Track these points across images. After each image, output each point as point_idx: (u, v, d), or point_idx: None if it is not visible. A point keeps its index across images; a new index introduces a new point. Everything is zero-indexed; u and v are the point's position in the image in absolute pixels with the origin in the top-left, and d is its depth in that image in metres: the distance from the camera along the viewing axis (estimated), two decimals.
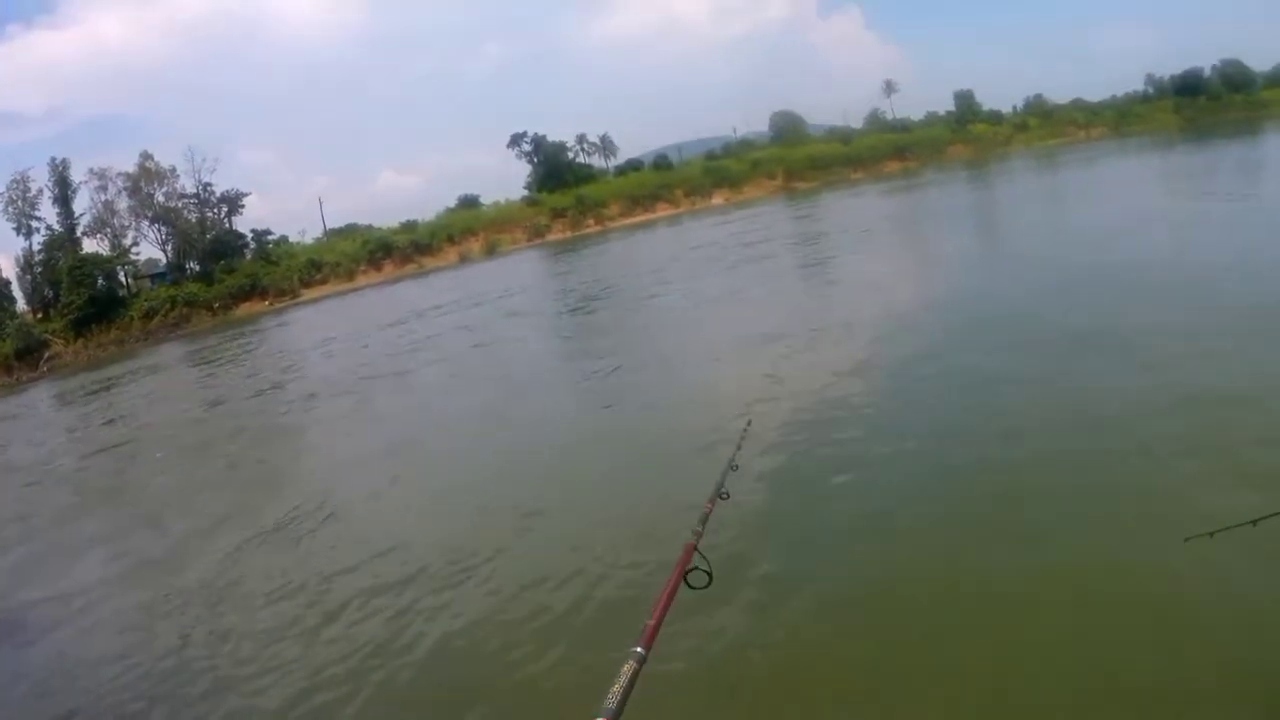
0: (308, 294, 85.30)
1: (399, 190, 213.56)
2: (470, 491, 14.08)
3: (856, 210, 61.48)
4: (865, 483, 11.15)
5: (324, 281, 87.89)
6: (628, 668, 2.59)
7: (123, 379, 47.30)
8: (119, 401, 37.76)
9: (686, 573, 3.39)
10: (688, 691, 7.33)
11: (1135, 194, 43.44)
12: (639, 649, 2.71)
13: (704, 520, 4.04)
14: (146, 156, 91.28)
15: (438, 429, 19.54)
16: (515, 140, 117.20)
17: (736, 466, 5.33)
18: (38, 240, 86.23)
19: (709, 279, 35.50)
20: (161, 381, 43.84)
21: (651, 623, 2.90)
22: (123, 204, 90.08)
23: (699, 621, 7.96)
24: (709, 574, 3.41)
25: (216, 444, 23.24)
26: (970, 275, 26.26)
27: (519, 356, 27.29)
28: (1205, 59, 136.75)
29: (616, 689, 2.46)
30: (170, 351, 61.29)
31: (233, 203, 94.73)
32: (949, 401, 13.91)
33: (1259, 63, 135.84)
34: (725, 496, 4.71)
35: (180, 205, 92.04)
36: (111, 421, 32.02)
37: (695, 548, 3.55)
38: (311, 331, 50.96)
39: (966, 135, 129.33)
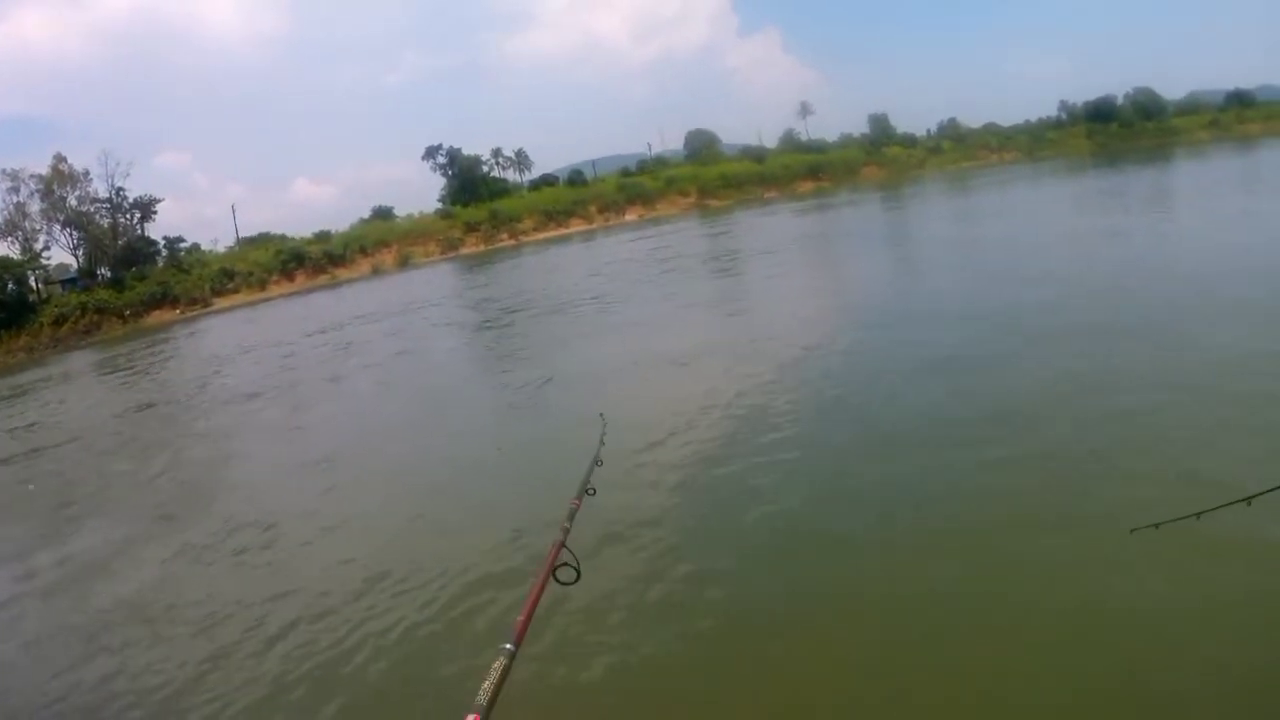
0: (219, 303, 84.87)
1: (313, 200, 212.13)
2: (385, 502, 14.25)
3: (770, 229, 62.11)
4: (740, 483, 11.60)
5: (236, 291, 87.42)
6: (498, 664, 2.71)
7: (37, 386, 47.09)
8: (37, 408, 37.68)
9: (555, 569, 3.52)
10: (557, 686, 7.60)
11: (1049, 214, 45.24)
12: (508, 645, 2.81)
13: (571, 517, 4.15)
14: (60, 159, 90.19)
15: (352, 440, 19.49)
16: (430, 153, 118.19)
17: (601, 462, 5.60)
18: None
19: (621, 294, 36.15)
20: (79, 389, 43.65)
21: (521, 619, 3.00)
22: (35, 206, 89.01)
23: (571, 617, 8.30)
24: (576, 570, 3.55)
25: (143, 452, 23.33)
26: (884, 291, 27.12)
27: (436, 369, 27.65)
28: (1118, 87, 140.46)
29: (487, 685, 2.58)
30: (83, 359, 60.81)
31: (146, 209, 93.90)
32: (858, 409, 14.34)
33: (1170, 90, 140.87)
34: (591, 492, 4.88)
35: (93, 209, 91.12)
36: (31, 426, 32.26)
37: (563, 544, 3.66)
38: (227, 341, 50.89)
39: (880, 157, 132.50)
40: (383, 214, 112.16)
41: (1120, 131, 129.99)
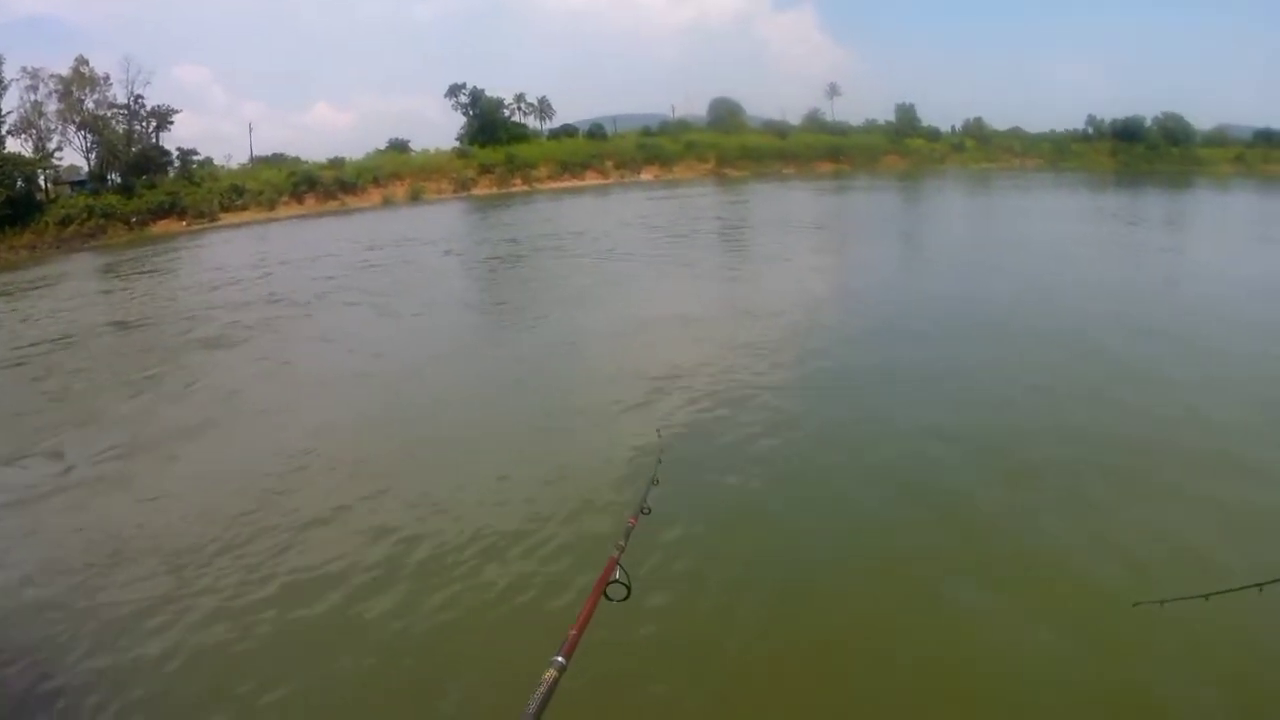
0: (226, 219, 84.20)
1: (330, 126, 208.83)
2: (398, 476, 13.98)
3: (789, 204, 62.64)
4: (776, 488, 11.84)
5: (244, 209, 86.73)
6: (548, 675, 2.78)
7: (51, 282, 47.18)
8: (52, 305, 37.57)
9: (608, 585, 3.64)
10: (604, 705, 7.70)
11: (1067, 223, 44.58)
12: (559, 658, 2.89)
13: (626, 535, 4.33)
14: (82, 61, 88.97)
15: (373, 380, 19.85)
16: (453, 90, 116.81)
17: (658, 481, 5.83)
18: None
19: (639, 252, 36.16)
20: (97, 287, 44.12)
21: (573, 633, 3.07)
22: (51, 107, 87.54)
23: (620, 632, 8.27)
24: (628, 587, 3.68)
25: (155, 357, 23.81)
26: (894, 284, 26.77)
27: (452, 311, 28.12)
28: (1147, 107, 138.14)
29: (537, 695, 2.65)
30: (86, 261, 60.75)
31: (162, 118, 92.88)
32: (862, 401, 14.49)
33: (1199, 119, 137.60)
34: (647, 511, 5.05)
35: (109, 114, 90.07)
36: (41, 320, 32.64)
37: (617, 561, 3.81)
38: (235, 254, 51.44)
39: (903, 148, 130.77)
40: (398, 146, 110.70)
41: (1145, 153, 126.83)
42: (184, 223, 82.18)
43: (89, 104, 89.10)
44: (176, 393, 19.75)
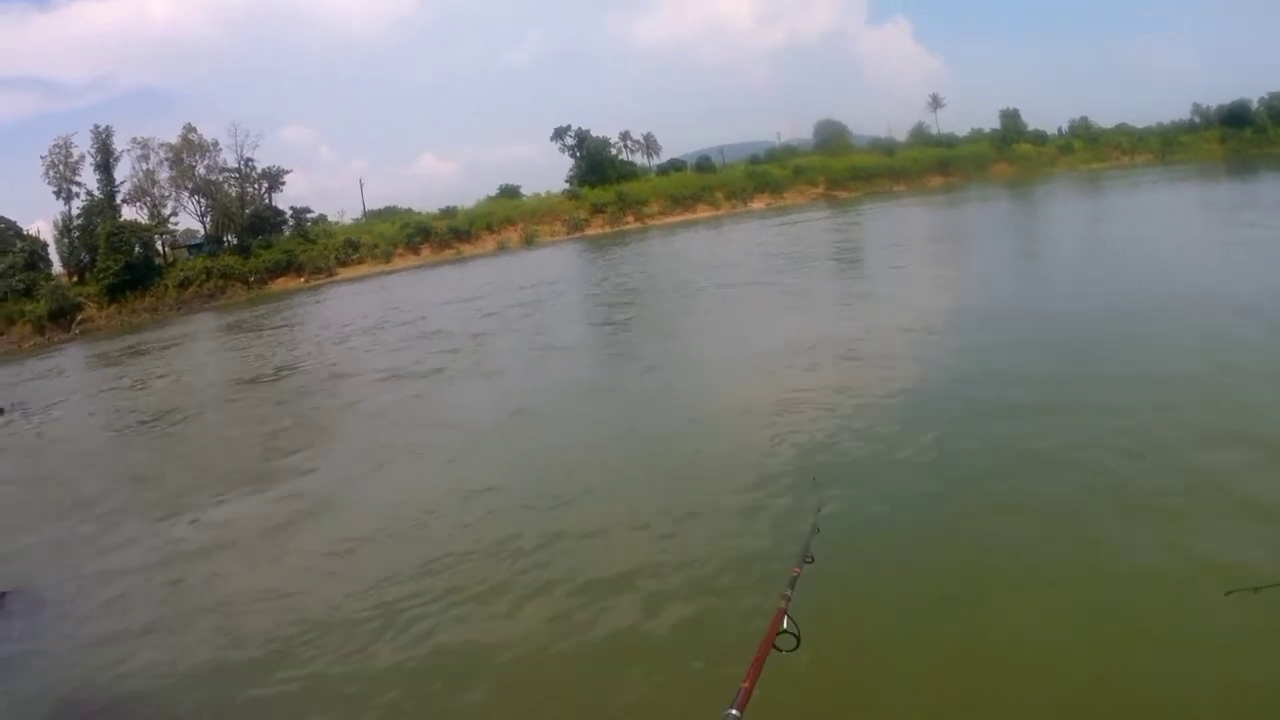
0: (343, 273, 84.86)
1: (437, 176, 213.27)
2: (545, 527, 12.60)
3: (903, 222, 60.73)
4: (941, 528, 10.61)
5: (360, 262, 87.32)
6: None
7: (182, 341, 47.57)
8: (194, 362, 37.81)
9: (777, 636, 3.59)
10: None
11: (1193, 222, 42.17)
12: (733, 711, 2.91)
13: (792, 584, 4.26)
14: (190, 129, 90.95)
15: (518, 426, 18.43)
16: (559, 133, 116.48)
17: (818, 529, 5.65)
18: (77, 205, 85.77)
19: (762, 282, 34.91)
20: (232, 343, 44.02)
21: (745, 685, 3.06)
22: (164, 174, 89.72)
23: (792, 683, 7.31)
24: (797, 637, 3.64)
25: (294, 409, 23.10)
26: (1036, 304, 24.88)
27: (581, 355, 26.41)
28: (1250, 90, 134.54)
29: None
30: (210, 320, 60.95)
31: (273, 179, 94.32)
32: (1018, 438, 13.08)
33: None
34: (810, 560, 4.89)
35: (221, 178, 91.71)
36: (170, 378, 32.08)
37: (785, 612, 3.78)
38: (360, 306, 50.63)
39: (1011, 154, 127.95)
40: (509, 192, 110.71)
41: (1254, 137, 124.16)
42: (302, 279, 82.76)
43: (200, 169, 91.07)
44: (339, 439, 19.15)
